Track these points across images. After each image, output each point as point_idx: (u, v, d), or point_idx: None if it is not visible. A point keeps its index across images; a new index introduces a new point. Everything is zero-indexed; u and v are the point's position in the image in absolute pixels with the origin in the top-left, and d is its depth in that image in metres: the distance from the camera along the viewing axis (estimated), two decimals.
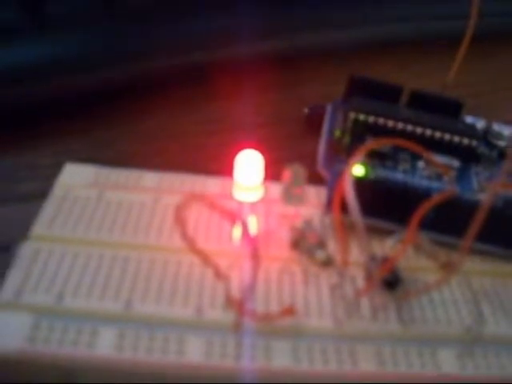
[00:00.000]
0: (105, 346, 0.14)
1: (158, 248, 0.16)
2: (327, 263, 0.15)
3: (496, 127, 0.21)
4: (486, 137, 0.21)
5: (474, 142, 0.20)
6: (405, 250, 0.15)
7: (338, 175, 0.17)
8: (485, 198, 0.14)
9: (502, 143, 0.21)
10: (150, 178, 0.19)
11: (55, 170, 0.19)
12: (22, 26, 0.22)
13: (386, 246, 0.16)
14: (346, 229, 0.16)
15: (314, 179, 0.19)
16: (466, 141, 0.20)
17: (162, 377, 0.14)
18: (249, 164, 0.16)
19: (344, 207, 0.17)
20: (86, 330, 0.14)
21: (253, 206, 0.17)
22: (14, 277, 0.15)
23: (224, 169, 0.18)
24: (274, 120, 0.24)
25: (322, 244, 0.16)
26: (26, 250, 0.16)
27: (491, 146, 0.21)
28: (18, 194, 0.19)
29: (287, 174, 0.16)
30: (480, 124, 0.21)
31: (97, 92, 0.22)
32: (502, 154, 0.21)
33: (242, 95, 0.23)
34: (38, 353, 0.14)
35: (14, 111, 0.21)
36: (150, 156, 0.21)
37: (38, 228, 0.17)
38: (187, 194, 0.13)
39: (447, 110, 0.21)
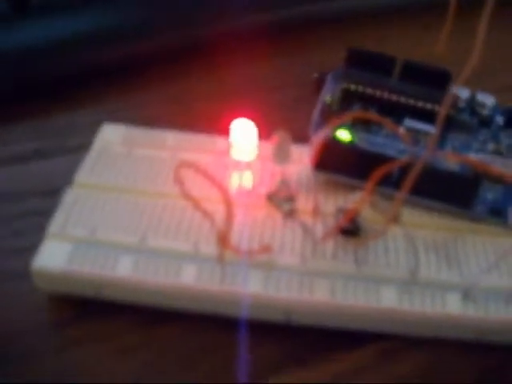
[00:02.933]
0: (124, 269, 0.19)
1: (170, 195, 0.20)
2: (290, 214, 0.19)
3: (480, 97, 0.23)
4: (470, 105, 0.24)
5: (452, 112, 0.22)
6: (361, 204, 0.18)
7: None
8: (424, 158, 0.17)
9: (485, 112, 0.23)
10: (170, 137, 0.23)
11: (96, 127, 0.23)
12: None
13: (349, 201, 0.19)
14: (321, 185, 0.19)
15: None
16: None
17: (164, 295, 0.18)
18: (242, 130, 0.20)
19: (328, 166, 0.21)
20: (111, 257, 0.19)
21: (248, 164, 0.21)
22: (59, 214, 0.20)
23: None
24: (287, 83, 0.27)
25: (291, 198, 0.19)
26: (69, 195, 0.21)
27: (474, 114, 0.23)
28: (66, 147, 0.24)
29: (275, 138, 0.20)
30: (464, 93, 0.23)
31: (133, 60, 0.26)
32: (483, 122, 0.23)
33: (257, 61, 0.27)
34: (75, 272, 0.18)
35: (65, 77, 0.26)
36: (175, 116, 0.25)
37: (79, 177, 0.21)
38: (180, 162, 0.17)
39: (436, 79, 0.23)
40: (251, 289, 0.18)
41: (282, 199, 0.19)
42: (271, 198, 0.19)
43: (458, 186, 0.20)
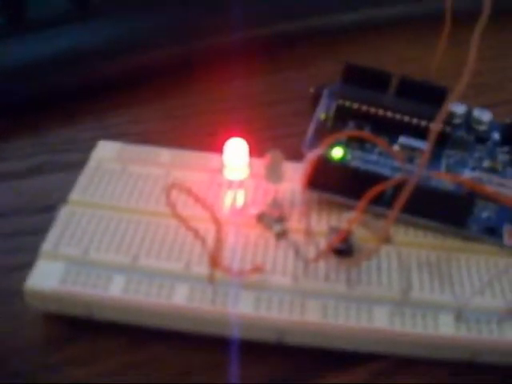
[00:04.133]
0: (116, 290, 0.19)
1: (163, 214, 0.20)
2: (282, 235, 0.19)
3: (476, 112, 0.23)
4: (467, 121, 0.23)
5: (448, 129, 0.22)
6: (352, 224, 0.18)
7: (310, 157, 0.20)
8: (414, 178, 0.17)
9: (481, 127, 0.23)
10: (164, 154, 0.23)
11: (92, 143, 0.23)
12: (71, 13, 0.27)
13: (342, 220, 0.19)
14: (314, 204, 0.19)
15: None
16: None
17: (155, 315, 0.18)
18: (235, 150, 0.20)
19: (321, 185, 0.21)
20: (103, 277, 0.19)
21: (241, 183, 0.21)
22: (53, 233, 0.20)
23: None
24: (283, 98, 0.27)
25: (282, 218, 0.19)
26: (63, 213, 0.21)
27: (470, 130, 0.23)
28: (62, 163, 0.24)
29: (267, 158, 0.20)
30: (461, 109, 0.23)
31: (129, 75, 0.26)
32: (479, 138, 0.23)
33: (253, 76, 0.27)
34: (67, 291, 0.19)
35: (62, 93, 0.26)
36: (171, 131, 0.25)
37: (74, 195, 0.21)
38: (170, 183, 0.17)
39: (433, 96, 0.23)
40: (243, 309, 0.18)
41: (272, 220, 0.19)
42: (262, 218, 0.19)
43: (452, 205, 0.20)
